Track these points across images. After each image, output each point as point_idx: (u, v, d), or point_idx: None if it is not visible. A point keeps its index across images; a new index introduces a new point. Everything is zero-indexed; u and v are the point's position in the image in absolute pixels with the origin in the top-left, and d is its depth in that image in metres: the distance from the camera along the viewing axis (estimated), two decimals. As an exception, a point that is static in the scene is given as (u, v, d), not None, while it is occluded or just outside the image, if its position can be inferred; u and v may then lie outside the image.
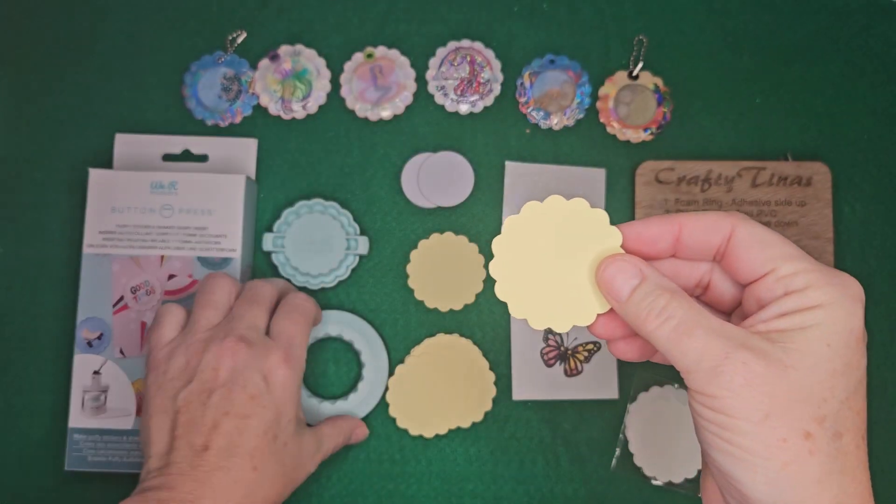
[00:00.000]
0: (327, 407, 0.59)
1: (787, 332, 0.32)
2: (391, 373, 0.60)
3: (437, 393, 0.60)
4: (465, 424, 0.60)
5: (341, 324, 0.60)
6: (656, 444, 0.59)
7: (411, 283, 0.61)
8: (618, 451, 0.60)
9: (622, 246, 0.36)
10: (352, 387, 0.61)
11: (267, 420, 0.49)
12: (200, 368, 0.49)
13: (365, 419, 0.60)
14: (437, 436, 0.60)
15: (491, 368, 0.60)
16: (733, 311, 0.38)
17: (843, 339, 0.32)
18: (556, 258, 0.37)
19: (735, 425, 0.32)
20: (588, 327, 0.38)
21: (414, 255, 0.61)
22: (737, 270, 0.35)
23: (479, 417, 0.60)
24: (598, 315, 0.37)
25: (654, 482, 0.59)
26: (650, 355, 0.39)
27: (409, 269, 0.61)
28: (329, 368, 0.61)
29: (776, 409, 0.31)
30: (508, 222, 0.37)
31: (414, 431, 0.60)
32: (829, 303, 0.32)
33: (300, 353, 0.52)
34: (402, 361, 0.61)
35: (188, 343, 0.51)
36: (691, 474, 0.59)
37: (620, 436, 0.60)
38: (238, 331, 0.51)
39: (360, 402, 0.60)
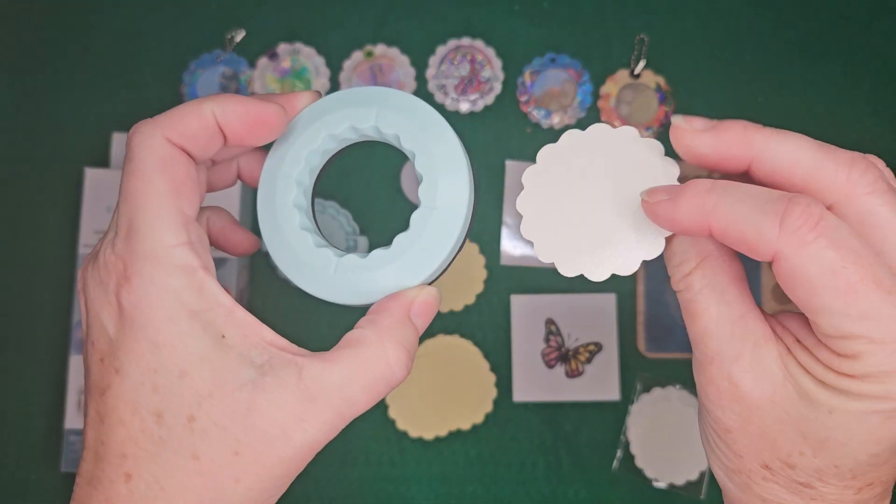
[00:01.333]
0: (352, 263, 0.32)
1: None
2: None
3: (437, 395, 0.59)
4: (466, 426, 0.59)
5: (375, 105, 0.33)
6: (658, 445, 0.59)
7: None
8: (619, 453, 0.59)
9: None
10: (400, 228, 0.32)
11: (130, 391, 0.28)
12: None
13: (362, 422, 0.60)
14: (437, 438, 0.59)
15: (491, 370, 0.60)
16: None
17: None
18: (597, 196, 0.31)
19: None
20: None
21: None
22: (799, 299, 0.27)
23: (479, 419, 0.59)
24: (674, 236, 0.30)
25: (655, 484, 0.59)
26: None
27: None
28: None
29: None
30: (544, 151, 0.31)
31: (413, 433, 0.59)
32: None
33: (158, 236, 0.28)
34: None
35: None
36: (693, 476, 0.58)
37: (622, 437, 0.59)
38: (99, 245, 0.31)
39: (416, 257, 0.32)
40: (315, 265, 0.32)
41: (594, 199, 0.31)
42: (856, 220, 0.27)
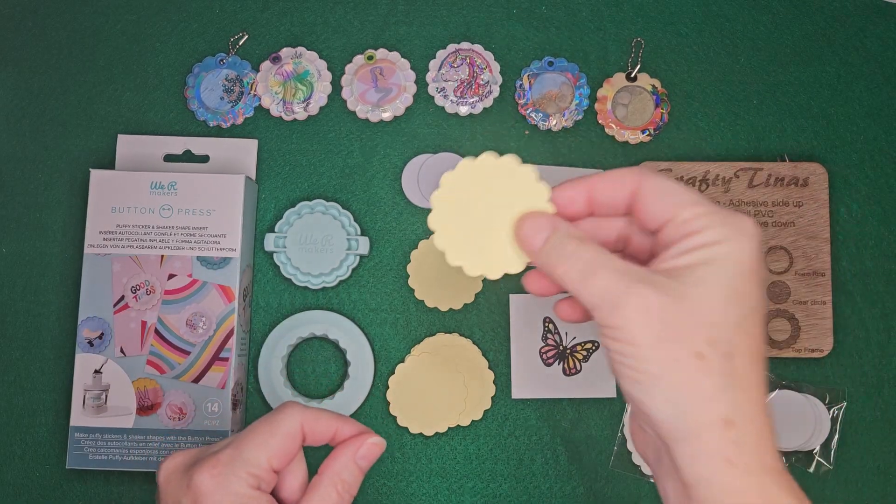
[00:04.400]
0: (314, 406, 0.59)
1: (687, 268, 0.35)
2: (391, 371, 0.61)
3: (437, 391, 0.60)
4: (465, 423, 0.60)
5: (326, 323, 0.61)
6: (655, 442, 0.59)
7: (412, 282, 0.61)
8: (616, 449, 0.60)
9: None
10: (338, 385, 0.61)
11: None
12: None
13: (364, 419, 0.60)
14: (436, 434, 0.60)
15: (490, 367, 0.61)
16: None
17: (734, 269, 0.35)
18: (490, 211, 0.39)
19: (634, 351, 0.34)
20: (524, 284, 0.41)
21: (414, 255, 0.62)
22: (645, 220, 0.38)
23: (478, 416, 0.60)
24: (532, 271, 0.40)
25: (651, 480, 0.59)
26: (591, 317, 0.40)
27: (410, 268, 0.62)
28: (316, 368, 0.62)
29: (669, 333, 0.34)
30: (445, 178, 0.39)
31: (414, 430, 0.60)
32: (723, 240, 0.35)
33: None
34: (402, 360, 0.61)
35: None
36: (689, 472, 0.59)
37: (618, 434, 0.60)
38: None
39: (346, 400, 0.60)
40: None
41: (487, 214, 0.39)
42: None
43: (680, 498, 0.35)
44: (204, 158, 0.63)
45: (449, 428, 0.60)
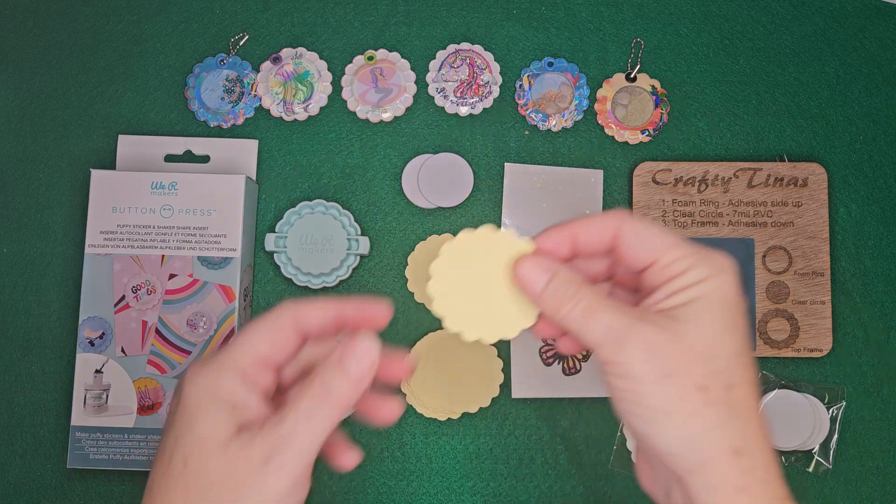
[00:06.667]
0: None
1: (678, 307, 0.37)
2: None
3: (448, 376, 0.60)
4: (473, 409, 0.60)
5: None
6: (654, 441, 0.60)
7: (410, 286, 0.62)
8: (615, 448, 0.60)
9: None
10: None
11: (167, 442, 0.38)
12: None
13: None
14: (437, 432, 0.60)
15: (498, 356, 0.61)
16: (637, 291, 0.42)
17: (720, 304, 0.37)
18: (487, 280, 0.40)
19: (638, 388, 0.36)
20: (531, 329, 0.41)
21: (411, 258, 0.62)
22: (629, 263, 0.39)
23: (486, 403, 0.60)
24: (537, 322, 0.40)
25: (652, 480, 0.59)
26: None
27: (408, 272, 0.62)
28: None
29: (673, 369, 0.35)
30: (445, 247, 0.40)
31: (428, 414, 0.60)
32: (704, 278, 0.37)
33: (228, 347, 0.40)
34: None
35: None
36: (689, 472, 0.59)
37: (618, 433, 0.60)
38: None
39: None
40: None
41: (484, 283, 0.40)
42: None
43: None
44: (204, 159, 0.63)
45: (449, 419, 0.60)
